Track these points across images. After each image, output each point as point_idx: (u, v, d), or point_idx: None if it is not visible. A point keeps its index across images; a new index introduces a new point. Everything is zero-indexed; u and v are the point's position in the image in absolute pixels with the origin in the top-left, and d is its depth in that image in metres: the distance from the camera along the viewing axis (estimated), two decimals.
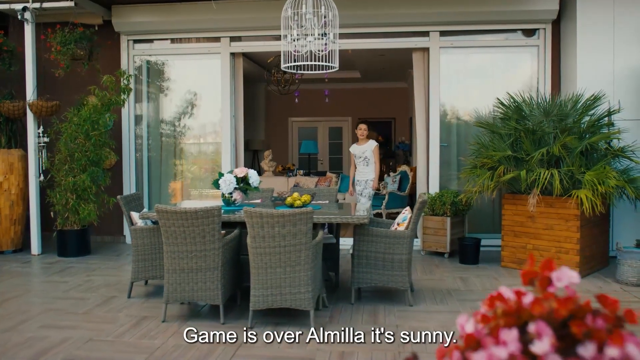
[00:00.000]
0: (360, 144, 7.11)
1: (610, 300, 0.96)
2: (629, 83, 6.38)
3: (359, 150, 7.09)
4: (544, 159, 5.78)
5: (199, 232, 4.18)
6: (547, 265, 0.84)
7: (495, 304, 0.84)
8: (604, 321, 0.85)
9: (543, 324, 0.77)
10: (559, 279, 0.89)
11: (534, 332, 0.77)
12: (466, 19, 7.01)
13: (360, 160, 7.06)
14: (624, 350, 0.74)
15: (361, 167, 7.06)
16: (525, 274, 0.85)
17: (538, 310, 0.78)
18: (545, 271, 0.83)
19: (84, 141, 6.59)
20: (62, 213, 6.74)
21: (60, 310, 4.68)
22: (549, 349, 0.73)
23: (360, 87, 13.94)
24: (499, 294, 0.86)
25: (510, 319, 0.83)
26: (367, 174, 7.00)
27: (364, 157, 7.03)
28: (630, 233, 6.22)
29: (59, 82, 7.27)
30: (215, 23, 7.31)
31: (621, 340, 0.75)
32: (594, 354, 0.76)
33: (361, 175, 7.06)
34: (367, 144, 7.06)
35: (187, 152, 8.09)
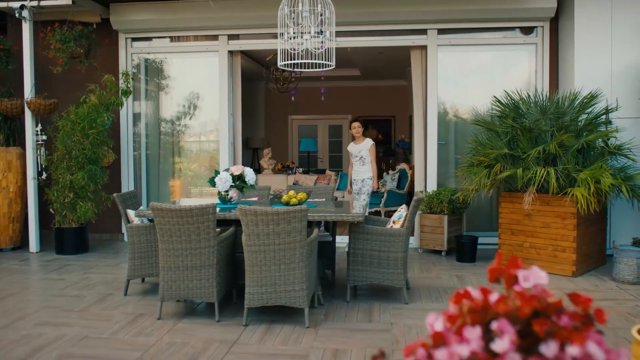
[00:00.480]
0: (357, 143, 7.04)
1: (582, 299, 0.97)
2: (626, 81, 6.37)
3: (355, 149, 7.03)
4: (540, 157, 5.78)
5: (194, 229, 4.18)
6: (513, 264, 0.84)
7: (461, 302, 0.85)
8: (570, 319, 0.86)
9: (505, 322, 0.77)
10: (526, 278, 0.89)
11: (497, 330, 0.77)
12: (464, 17, 7.00)
13: (357, 159, 6.99)
14: (584, 348, 0.75)
15: (357, 166, 6.98)
16: (491, 271, 0.85)
17: (502, 309, 0.79)
18: (511, 269, 0.84)
19: (82, 139, 6.60)
20: (60, 211, 6.76)
21: (56, 307, 4.69)
22: (509, 347, 0.74)
23: (360, 85, 13.93)
24: (465, 291, 0.87)
25: (476, 316, 0.83)
26: (363, 173, 6.93)
27: (359, 157, 6.97)
28: (628, 231, 6.21)
29: (56, 80, 7.29)
30: (213, 21, 7.32)
31: (582, 339, 0.75)
32: (556, 353, 0.76)
33: (357, 175, 7.00)
34: (363, 142, 6.99)
35: (186, 150, 8.10)
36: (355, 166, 7.03)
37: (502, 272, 0.85)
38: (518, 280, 0.84)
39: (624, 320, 4.25)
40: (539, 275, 0.91)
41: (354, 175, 7.04)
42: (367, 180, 6.92)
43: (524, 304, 0.79)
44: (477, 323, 0.82)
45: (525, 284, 0.88)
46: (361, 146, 6.98)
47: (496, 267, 0.85)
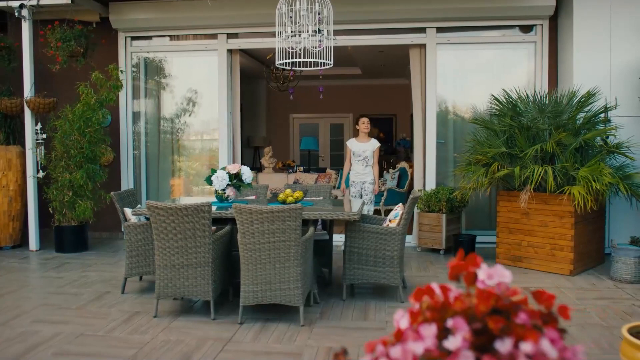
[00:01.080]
0: (362, 141, 6.56)
1: (546, 296, 0.97)
2: (625, 79, 6.35)
3: (360, 148, 6.50)
4: (538, 155, 5.77)
5: (190, 228, 4.20)
6: (472, 262, 0.85)
7: (422, 299, 0.85)
8: (529, 317, 0.86)
9: (460, 319, 0.78)
10: (490, 276, 0.90)
11: (452, 327, 0.78)
12: (463, 15, 7.00)
13: (360, 159, 6.49)
14: (538, 346, 0.75)
15: (359, 167, 6.49)
16: (451, 269, 0.86)
17: (459, 306, 0.79)
18: (470, 267, 0.84)
19: (79, 138, 6.63)
20: (60, 209, 6.79)
21: (53, 305, 4.71)
22: (461, 344, 0.74)
23: (361, 83, 13.93)
24: (427, 287, 0.87)
25: (435, 314, 0.84)
26: (365, 175, 6.48)
27: (364, 157, 6.48)
28: (627, 230, 6.19)
29: (56, 79, 7.32)
30: (212, 20, 7.33)
31: (536, 337, 0.76)
32: (511, 350, 0.77)
33: (358, 176, 6.52)
34: (369, 142, 6.52)
35: (185, 148, 8.12)
36: (356, 166, 6.52)
37: (461, 270, 0.86)
38: (477, 278, 0.85)
39: (620, 319, 4.25)
40: (502, 273, 0.91)
41: (354, 176, 6.55)
42: (369, 185, 6.49)
43: (480, 302, 0.79)
44: (436, 320, 0.82)
45: (489, 282, 0.89)
46: (367, 146, 6.50)
47: (456, 265, 0.86)
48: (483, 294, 0.81)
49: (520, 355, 0.75)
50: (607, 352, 3.64)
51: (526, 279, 5.49)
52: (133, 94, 7.86)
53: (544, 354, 0.75)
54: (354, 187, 6.53)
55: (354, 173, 6.54)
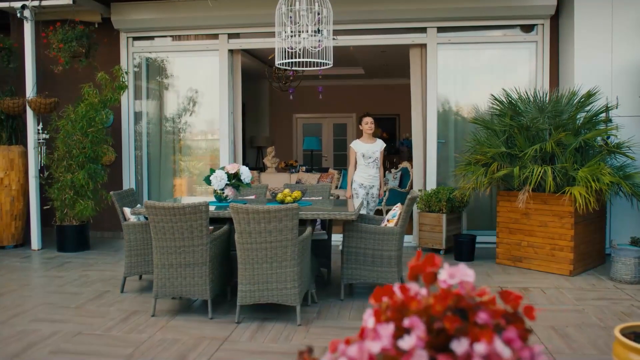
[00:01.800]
0: (369, 142, 6.25)
1: (513, 296, 0.98)
2: (626, 79, 6.32)
3: (369, 150, 6.17)
4: (537, 155, 5.75)
5: (187, 227, 4.22)
6: (430, 262, 0.85)
7: (381, 299, 0.86)
8: (491, 317, 0.87)
9: (417, 318, 0.78)
10: (452, 275, 0.90)
11: (408, 327, 0.79)
12: (464, 15, 6.98)
13: (370, 161, 6.16)
14: (492, 346, 0.76)
15: (370, 170, 6.16)
16: (411, 269, 0.87)
17: (415, 306, 0.80)
18: (428, 267, 0.85)
19: (81, 138, 6.66)
20: (61, 209, 6.82)
21: (53, 304, 4.74)
22: (416, 343, 0.75)
23: (364, 83, 13.93)
24: (387, 287, 0.88)
25: (395, 314, 0.84)
26: (376, 179, 6.21)
27: (374, 159, 6.16)
28: (628, 230, 6.17)
29: (57, 79, 7.36)
30: (213, 20, 7.35)
31: (490, 337, 0.76)
32: (467, 350, 0.77)
33: (368, 180, 6.17)
34: (376, 142, 6.27)
35: (187, 148, 8.15)
36: (367, 170, 6.16)
37: (420, 270, 0.86)
38: (437, 278, 0.85)
39: (618, 320, 4.23)
40: (465, 272, 0.92)
41: (365, 179, 6.16)
42: (376, 191, 6.24)
43: (437, 301, 0.80)
44: (395, 320, 0.83)
45: (451, 281, 0.89)
46: (376, 147, 6.21)
47: (415, 265, 0.86)
48: (441, 294, 0.82)
49: (475, 355, 0.76)
50: (603, 352, 3.63)
51: (525, 280, 5.48)
52: (135, 94, 7.89)
53: (498, 354, 0.76)
54: (363, 188, 6.18)
55: (364, 176, 6.17)
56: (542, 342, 3.78)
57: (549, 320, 4.24)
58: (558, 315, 4.37)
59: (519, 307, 0.95)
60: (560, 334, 3.96)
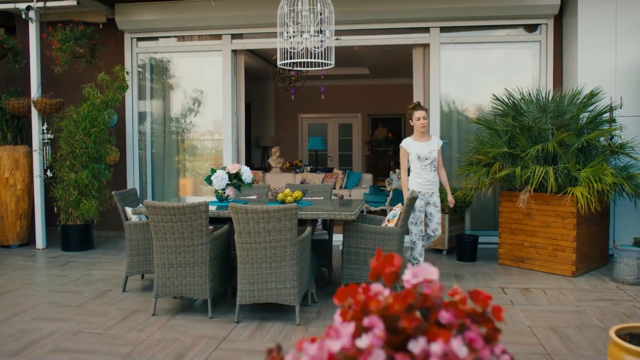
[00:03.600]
0: (423, 140, 5.22)
1: (482, 296, 0.98)
2: (630, 79, 6.28)
3: (425, 149, 5.14)
4: (539, 155, 5.73)
5: (187, 227, 4.24)
6: (389, 262, 0.86)
7: (345, 298, 0.87)
8: (455, 316, 0.87)
9: (376, 318, 0.79)
10: (415, 275, 0.91)
11: (368, 326, 0.79)
12: (467, 15, 6.96)
13: (427, 163, 5.14)
14: (448, 346, 0.76)
15: (428, 174, 5.16)
16: (372, 269, 0.87)
17: (374, 306, 0.80)
18: (388, 267, 0.85)
19: (84, 138, 6.71)
20: (66, 208, 6.88)
21: (54, 303, 4.78)
22: (374, 342, 0.75)
23: (369, 83, 13.93)
24: (351, 286, 0.88)
25: (356, 313, 0.85)
26: (435, 184, 5.26)
27: (431, 160, 5.16)
28: (631, 231, 6.13)
29: (62, 80, 7.41)
30: (217, 20, 7.38)
31: (447, 337, 0.77)
32: (424, 349, 0.78)
33: (427, 186, 5.17)
34: (432, 140, 5.27)
35: (191, 148, 8.17)
36: (424, 174, 5.16)
37: (381, 270, 0.87)
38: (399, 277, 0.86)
39: (619, 321, 4.21)
40: (428, 271, 0.92)
41: (422, 185, 5.17)
42: (437, 197, 5.26)
43: (396, 301, 0.80)
44: (357, 320, 0.83)
45: (413, 280, 0.90)
46: (432, 145, 5.20)
47: (376, 265, 0.87)
48: (403, 294, 0.82)
49: (432, 355, 0.76)
50: (602, 353, 3.61)
51: (527, 280, 5.46)
52: (139, 95, 7.93)
53: (454, 353, 0.76)
54: (420, 200, 5.15)
55: (422, 182, 5.16)
56: (540, 343, 3.77)
57: (548, 321, 4.22)
58: (558, 316, 4.35)
59: (487, 307, 0.96)
60: (560, 334, 3.94)
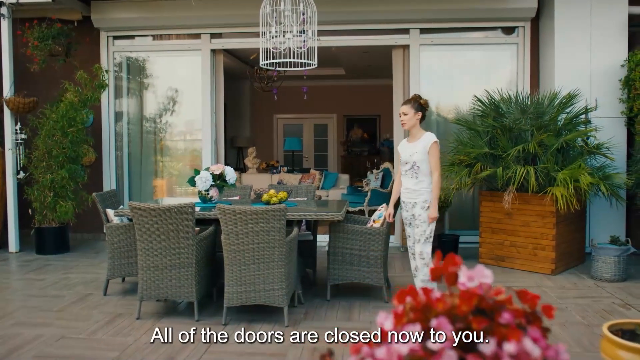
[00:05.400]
0: (412, 140, 4.38)
1: (530, 296, 0.98)
2: (604, 81, 6.44)
3: (407, 152, 4.35)
4: (520, 156, 5.82)
5: (173, 229, 4.17)
6: (451, 262, 0.85)
7: (405, 300, 0.86)
8: (513, 316, 0.87)
9: (444, 319, 0.78)
10: (471, 278, 0.91)
11: (435, 327, 0.78)
12: (446, 17, 7.04)
13: (407, 168, 4.33)
14: (520, 345, 0.76)
15: (408, 181, 4.34)
16: (432, 271, 0.86)
17: (441, 307, 0.80)
18: (450, 268, 0.85)
19: (61, 138, 6.55)
20: (41, 210, 6.70)
21: (35, 307, 4.65)
22: (445, 344, 0.75)
23: (345, 84, 13.95)
24: (410, 288, 0.88)
25: (418, 314, 0.84)
26: (417, 193, 4.29)
27: (411, 165, 4.29)
28: (607, 230, 6.28)
29: (36, 79, 7.22)
30: (196, 20, 7.29)
31: (519, 336, 0.77)
32: (495, 350, 0.78)
33: (406, 195, 4.37)
34: (420, 140, 4.29)
35: (168, 149, 8.06)
36: (403, 180, 4.39)
37: (442, 271, 0.86)
38: (458, 278, 0.85)
39: (600, 317, 4.30)
40: (483, 273, 0.92)
41: (403, 194, 4.42)
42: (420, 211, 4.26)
43: (462, 302, 0.80)
44: (420, 321, 0.83)
45: (470, 283, 0.89)
46: (416, 146, 4.29)
47: (436, 267, 0.86)
48: (465, 294, 0.82)
49: (504, 355, 0.76)
50: (588, 349, 3.69)
51: (509, 279, 5.54)
52: (115, 94, 7.79)
53: (527, 353, 0.76)
54: (404, 209, 4.44)
55: (403, 190, 4.43)
56: None
57: None
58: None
59: (536, 306, 0.96)
60: None
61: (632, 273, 5.66)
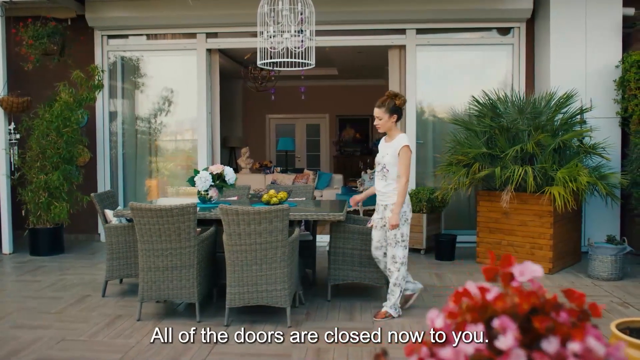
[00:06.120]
0: (387, 141, 4.37)
1: (577, 295, 0.98)
2: (599, 82, 6.49)
3: (380, 153, 4.38)
4: (518, 156, 5.85)
5: (175, 229, 4.14)
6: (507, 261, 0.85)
7: (461, 300, 0.85)
8: (568, 315, 0.87)
9: (507, 318, 0.78)
10: (522, 273, 0.90)
11: (498, 327, 0.78)
12: (442, 17, 7.06)
13: (378, 169, 4.34)
14: (585, 344, 0.76)
15: (377, 182, 4.38)
16: (487, 270, 0.86)
17: (501, 305, 0.79)
18: (506, 267, 0.84)
19: (56, 138, 6.48)
20: (35, 211, 6.62)
21: (32, 309, 4.60)
22: (514, 343, 0.74)
23: (338, 84, 13.95)
24: (465, 289, 0.87)
25: (475, 314, 0.83)
26: (386, 196, 4.29)
27: (381, 166, 4.29)
28: (602, 229, 6.33)
29: (30, 78, 7.14)
30: (191, 19, 7.25)
31: (582, 335, 0.76)
32: (558, 348, 0.77)
33: (378, 197, 4.41)
34: (394, 141, 4.27)
35: (163, 149, 8.01)
36: (375, 182, 4.43)
37: (498, 271, 0.86)
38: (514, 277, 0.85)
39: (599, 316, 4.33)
40: (533, 269, 0.91)
41: (377, 197, 4.44)
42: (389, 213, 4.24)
43: (523, 300, 0.80)
44: (477, 321, 0.82)
45: (521, 279, 0.89)
46: (388, 147, 4.29)
47: (492, 267, 0.86)
48: (524, 293, 0.82)
49: (568, 353, 0.76)
50: None
51: None
52: (110, 94, 7.72)
53: (591, 351, 0.76)
54: (376, 211, 4.47)
55: (376, 192, 4.43)
56: None
57: None
58: None
59: (584, 305, 0.96)
60: None
61: (629, 272, 5.71)
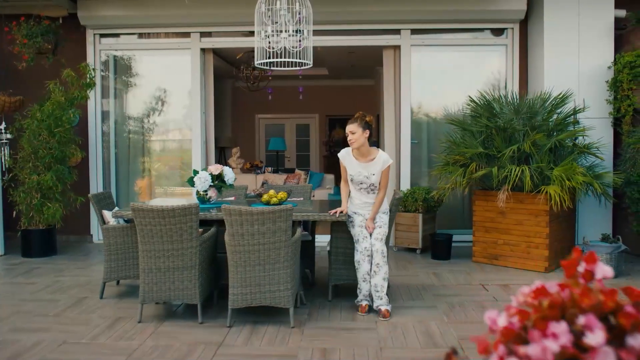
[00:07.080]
0: (362, 160, 4.49)
1: (636, 292, 0.98)
2: (593, 82, 6.57)
3: (362, 173, 4.47)
4: (514, 155, 5.90)
5: (176, 230, 4.10)
6: (590, 259, 0.85)
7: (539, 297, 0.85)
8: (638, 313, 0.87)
9: (593, 316, 0.78)
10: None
11: (584, 324, 0.78)
12: (437, 18, 7.09)
13: (362, 187, 4.51)
14: None
15: (364, 196, 4.55)
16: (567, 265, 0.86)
17: (587, 303, 0.79)
18: (590, 265, 0.84)
19: (48, 138, 6.39)
20: (27, 212, 6.52)
21: (29, 312, 4.53)
22: (603, 340, 0.74)
23: (327, 84, 13.95)
24: (542, 287, 0.87)
25: (554, 311, 0.83)
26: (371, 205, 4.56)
27: (368, 185, 4.48)
28: (595, 227, 6.41)
29: (22, 77, 7.04)
30: (185, 18, 7.19)
31: None
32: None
33: (365, 208, 4.56)
34: (376, 160, 4.46)
35: (156, 149, 7.94)
36: (360, 195, 4.55)
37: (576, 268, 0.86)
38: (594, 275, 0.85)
39: None
40: (604, 269, 0.92)
41: (359, 206, 4.56)
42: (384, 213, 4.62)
43: (608, 298, 0.80)
44: (556, 318, 0.82)
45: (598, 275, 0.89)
46: (373, 167, 4.45)
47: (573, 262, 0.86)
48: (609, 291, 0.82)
49: None
50: None
51: (503, 277, 5.61)
52: (102, 93, 7.63)
53: None
54: (358, 217, 4.56)
55: (358, 203, 4.57)
56: None
57: None
58: None
59: None
60: None
61: (623, 270, 5.78)
